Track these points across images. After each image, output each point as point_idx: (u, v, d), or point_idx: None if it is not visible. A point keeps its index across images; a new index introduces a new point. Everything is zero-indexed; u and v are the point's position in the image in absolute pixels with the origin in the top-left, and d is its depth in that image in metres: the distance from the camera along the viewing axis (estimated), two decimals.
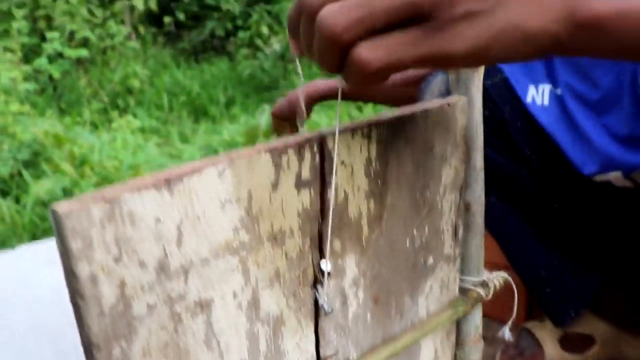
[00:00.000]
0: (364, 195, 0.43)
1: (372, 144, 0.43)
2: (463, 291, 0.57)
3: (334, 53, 0.33)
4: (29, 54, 3.47)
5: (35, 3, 3.75)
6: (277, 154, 0.37)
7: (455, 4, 0.32)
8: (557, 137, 0.85)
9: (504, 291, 0.61)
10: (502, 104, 0.88)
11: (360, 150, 0.42)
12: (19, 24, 3.22)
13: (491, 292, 0.58)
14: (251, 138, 2.56)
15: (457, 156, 0.51)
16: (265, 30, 4.31)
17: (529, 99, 0.86)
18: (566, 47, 0.35)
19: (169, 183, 0.33)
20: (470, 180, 0.55)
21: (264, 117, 2.80)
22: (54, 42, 3.28)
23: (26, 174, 2.32)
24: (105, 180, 2.07)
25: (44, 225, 2.16)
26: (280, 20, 4.34)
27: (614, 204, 0.88)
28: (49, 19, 3.71)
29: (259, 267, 0.39)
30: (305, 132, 0.40)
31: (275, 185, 0.38)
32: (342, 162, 0.41)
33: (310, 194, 0.40)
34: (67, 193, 2.06)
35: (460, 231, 0.55)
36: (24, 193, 2.29)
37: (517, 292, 1.44)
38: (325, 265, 0.42)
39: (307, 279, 0.42)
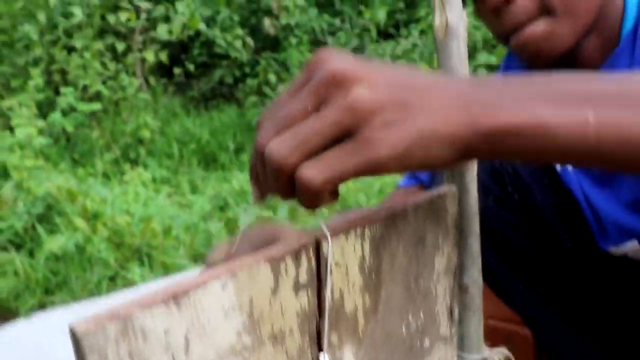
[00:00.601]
0: (359, 290, 0.46)
1: (365, 242, 0.46)
2: None
3: (284, 179, 0.38)
4: (44, 107, 3.58)
5: (51, 57, 3.89)
6: (275, 263, 0.40)
7: (373, 116, 0.36)
8: (581, 205, 0.85)
9: (511, 347, 0.62)
10: (534, 184, 0.88)
11: (354, 249, 0.45)
12: (35, 81, 3.33)
13: None
14: None
15: (449, 243, 0.54)
16: (272, 77, 4.41)
17: (558, 166, 0.87)
18: (479, 152, 0.38)
19: (176, 298, 0.36)
20: (467, 263, 0.57)
21: None
22: (68, 97, 3.39)
23: (40, 228, 2.37)
24: (116, 234, 2.11)
25: (56, 279, 2.20)
26: (287, 67, 4.45)
27: (634, 282, 0.87)
28: (63, 72, 3.84)
29: None
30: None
31: (274, 291, 0.41)
32: (337, 263, 0.44)
33: (308, 295, 0.43)
34: (80, 249, 2.10)
35: (456, 312, 0.57)
36: (38, 247, 2.33)
37: (525, 347, 1.42)
38: (323, 358, 0.44)
39: None
